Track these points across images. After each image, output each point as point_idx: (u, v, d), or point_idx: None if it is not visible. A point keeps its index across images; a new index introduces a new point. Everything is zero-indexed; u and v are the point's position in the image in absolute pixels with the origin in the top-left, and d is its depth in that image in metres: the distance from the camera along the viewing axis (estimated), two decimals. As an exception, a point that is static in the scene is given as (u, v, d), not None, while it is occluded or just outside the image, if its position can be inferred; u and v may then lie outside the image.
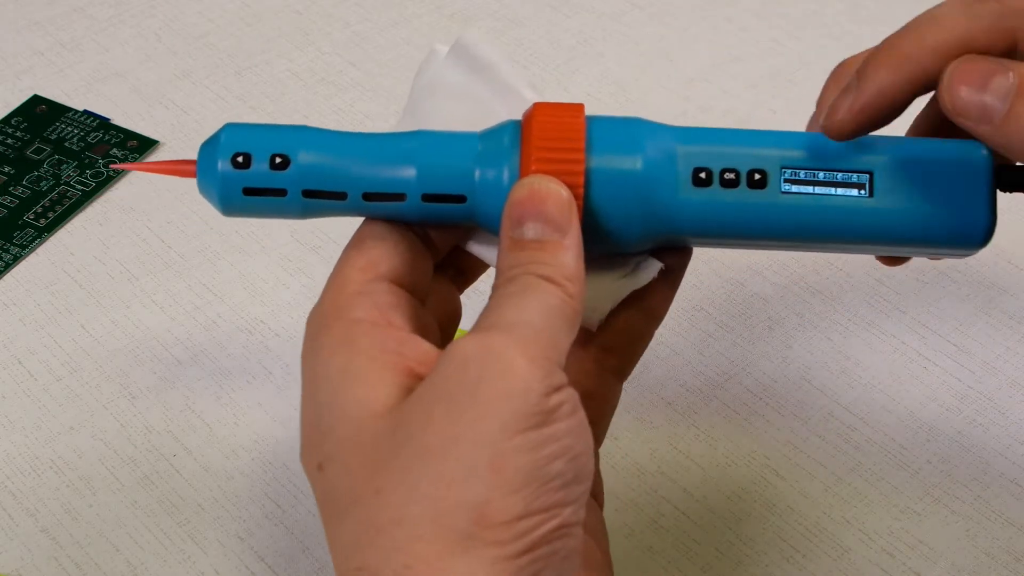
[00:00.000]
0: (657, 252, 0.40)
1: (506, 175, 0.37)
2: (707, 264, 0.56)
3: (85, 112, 0.64)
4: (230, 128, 0.38)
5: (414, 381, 0.34)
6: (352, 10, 0.71)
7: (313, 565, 0.46)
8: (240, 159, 0.37)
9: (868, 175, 0.38)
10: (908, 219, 0.38)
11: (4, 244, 0.58)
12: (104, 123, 0.64)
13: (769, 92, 0.65)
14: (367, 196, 0.37)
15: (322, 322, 0.36)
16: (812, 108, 0.43)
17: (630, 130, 0.38)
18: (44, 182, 0.61)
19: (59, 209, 0.59)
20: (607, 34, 0.69)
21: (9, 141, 0.63)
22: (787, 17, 0.70)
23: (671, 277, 0.41)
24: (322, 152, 0.38)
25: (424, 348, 0.35)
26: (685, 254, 0.41)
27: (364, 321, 0.35)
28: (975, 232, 0.38)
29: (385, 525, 0.32)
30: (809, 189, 0.38)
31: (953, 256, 0.40)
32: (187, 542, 0.47)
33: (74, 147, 0.62)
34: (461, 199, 0.37)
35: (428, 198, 0.37)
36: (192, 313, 0.55)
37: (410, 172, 0.37)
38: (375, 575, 0.32)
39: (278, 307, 0.55)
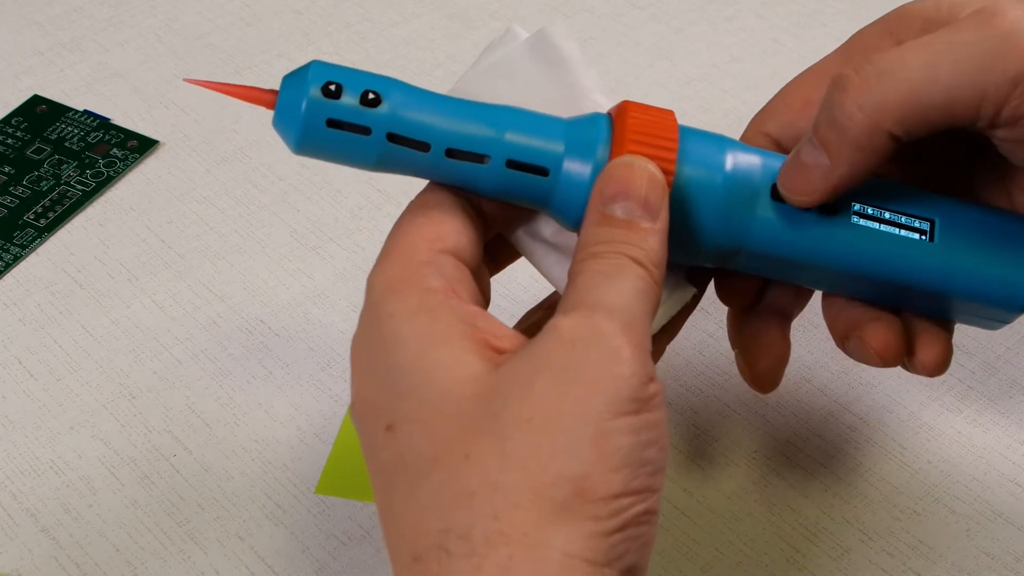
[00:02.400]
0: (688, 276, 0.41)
1: (594, 158, 0.37)
2: (707, 264, 0.56)
3: (85, 112, 0.64)
4: (318, 63, 0.37)
5: (492, 353, 0.35)
6: (352, 10, 0.71)
7: (313, 565, 0.46)
8: (332, 87, 0.36)
9: (930, 223, 0.40)
10: (961, 270, 0.40)
11: (4, 244, 0.58)
12: (104, 123, 0.64)
13: (769, 92, 0.64)
14: (450, 152, 0.37)
15: (393, 287, 0.36)
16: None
17: (715, 139, 0.39)
18: (44, 182, 0.61)
19: (59, 209, 0.59)
20: (607, 34, 0.69)
21: (9, 141, 0.63)
22: (787, 17, 0.70)
23: (695, 299, 0.42)
24: (412, 100, 0.37)
25: (495, 323, 0.35)
26: (708, 279, 0.42)
27: (438, 291, 0.35)
28: (1017, 296, 0.40)
29: (478, 489, 0.32)
30: (875, 225, 0.39)
31: (990, 321, 0.41)
32: (187, 542, 0.47)
33: (74, 147, 0.62)
34: (544, 172, 0.37)
35: (512, 165, 0.37)
36: (192, 313, 0.55)
37: (497, 137, 0.37)
38: (464, 537, 0.32)
39: (278, 307, 0.55)
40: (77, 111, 0.64)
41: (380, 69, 0.67)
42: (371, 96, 0.36)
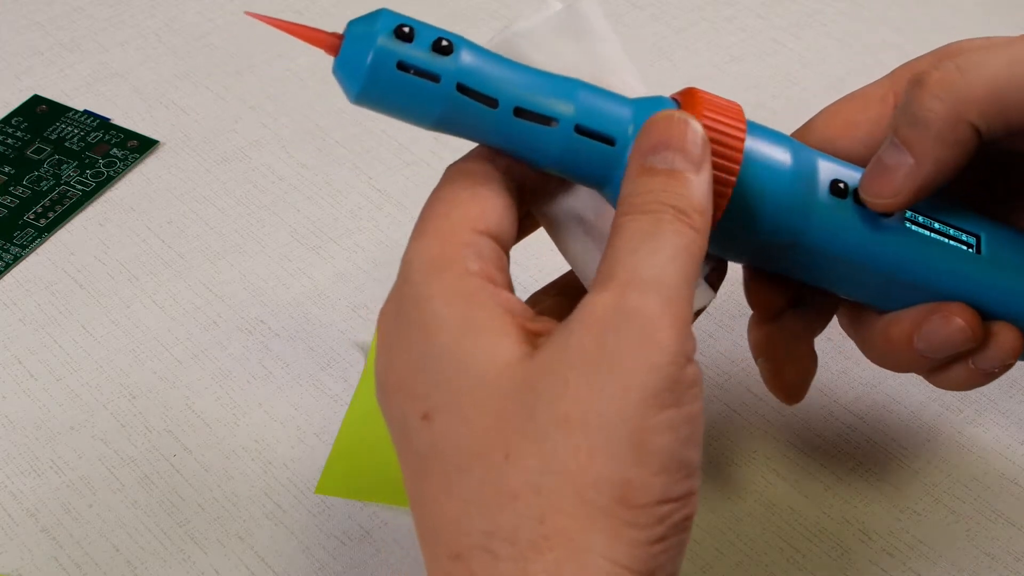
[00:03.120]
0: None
1: None
2: (707, 264, 0.56)
3: (85, 112, 0.64)
4: (388, 10, 0.36)
5: (531, 338, 0.34)
6: (352, 10, 0.71)
7: (313, 565, 0.46)
8: (406, 30, 0.36)
9: (977, 237, 0.40)
10: (1008, 285, 0.40)
11: (4, 244, 0.58)
12: (104, 123, 0.64)
13: (769, 92, 0.65)
14: (518, 111, 0.36)
15: (433, 267, 0.35)
16: (812, 109, 0.43)
17: (777, 133, 0.39)
18: (44, 182, 0.61)
19: (59, 209, 0.59)
20: (607, 34, 0.69)
21: (9, 141, 0.63)
22: (787, 17, 0.70)
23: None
24: (482, 56, 0.37)
25: (528, 310, 0.35)
26: (718, 281, 0.42)
27: (477, 274, 0.34)
28: None
29: (521, 491, 0.32)
30: (926, 232, 0.40)
31: None
32: (187, 542, 0.47)
33: (74, 147, 0.62)
34: (611, 141, 0.37)
35: (580, 130, 0.37)
36: (192, 313, 0.55)
37: (567, 100, 0.37)
38: (509, 540, 0.32)
39: (278, 307, 0.55)
40: (77, 111, 0.64)
41: (380, 69, 0.67)
42: (444, 43, 0.36)
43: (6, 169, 0.61)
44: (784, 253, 0.39)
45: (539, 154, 0.37)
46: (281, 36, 0.69)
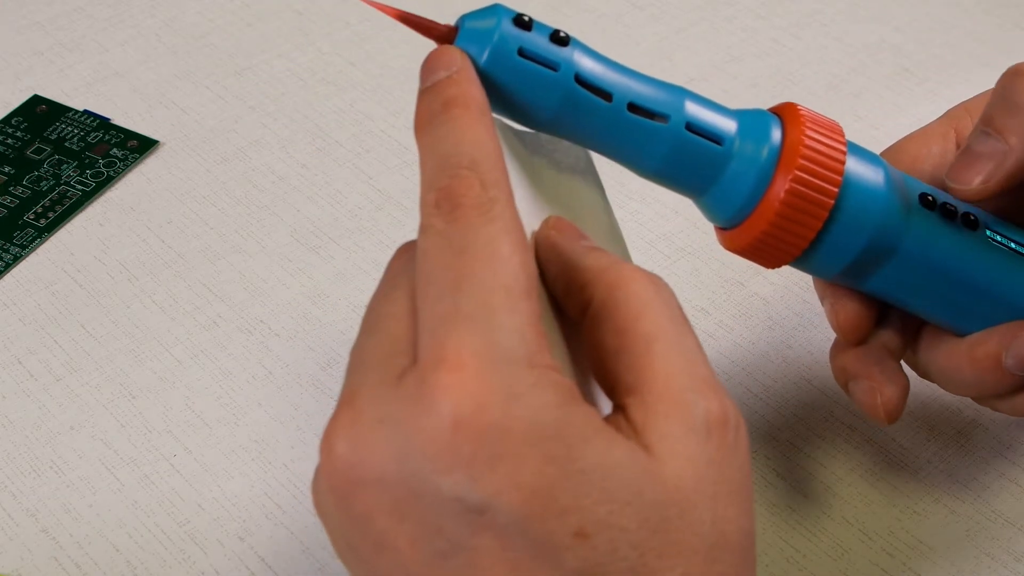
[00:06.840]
0: None
1: (768, 138, 0.38)
2: (707, 264, 0.56)
3: (85, 112, 0.64)
4: (502, 5, 0.37)
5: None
6: (352, 10, 0.71)
7: (313, 565, 0.46)
8: (525, 19, 0.36)
9: None
10: None
11: (4, 244, 0.58)
12: (104, 123, 0.64)
13: (769, 92, 0.65)
14: (632, 107, 0.37)
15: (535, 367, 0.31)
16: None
17: (867, 150, 0.40)
18: (44, 182, 0.61)
19: (59, 209, 0.59)
20: (607, 34, 0.69)
21: (9, 141, 0.63)
22: (787, 17, 0.70)
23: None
24: (593, 53, 0.37)
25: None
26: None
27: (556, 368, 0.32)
28: None
29: None
30: (1007, 248, 0.41)
31: None
32: (187, 542, 0.47)
33: (74, 147, 0.62)
34: (719, 140, 0.38)
35: (691, 128, 0.38)
36: (192, 313, 0.55)
37: (678, 99, 0.38)
38: None
39: (278, 307, 0.55)
40: (77, 111, 0.64)
41: (380, 70, 0.67)
42: (562, 35, 0.36)
43: (6, 169, 0.61)
44: (879, 265, 0.40)
45: (648, 151, 0.38)
46: (281, 36, 0.69)
